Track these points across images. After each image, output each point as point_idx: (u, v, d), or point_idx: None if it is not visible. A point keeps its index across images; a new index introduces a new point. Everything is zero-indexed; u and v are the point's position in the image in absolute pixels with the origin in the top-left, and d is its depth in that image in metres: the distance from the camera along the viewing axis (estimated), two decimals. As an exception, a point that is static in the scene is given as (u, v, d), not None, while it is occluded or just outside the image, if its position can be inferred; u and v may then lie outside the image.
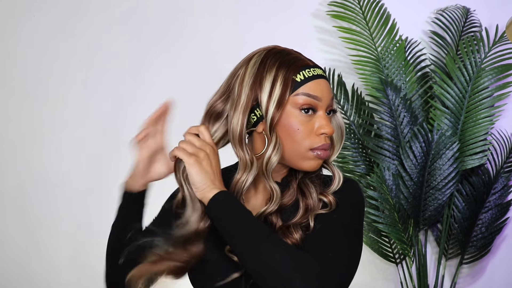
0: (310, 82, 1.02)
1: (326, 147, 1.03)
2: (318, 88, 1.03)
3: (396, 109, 2.10)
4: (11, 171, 2.67)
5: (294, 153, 1.03)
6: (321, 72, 1.05)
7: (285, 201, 1.05)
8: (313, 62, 1.06)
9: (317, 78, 1.03)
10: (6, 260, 2.69)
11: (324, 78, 1.05)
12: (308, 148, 1.02)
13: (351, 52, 2.23)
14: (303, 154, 1.03)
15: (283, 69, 1.02)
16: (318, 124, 1.03)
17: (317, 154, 1.03)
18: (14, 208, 2.66)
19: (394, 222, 2.07)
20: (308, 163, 1.04)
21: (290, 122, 1.02)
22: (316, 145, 1.02)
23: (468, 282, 2.25)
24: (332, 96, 1.05)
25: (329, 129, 1.02)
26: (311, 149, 1.03)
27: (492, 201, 2.09)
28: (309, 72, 1.03)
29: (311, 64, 1.05)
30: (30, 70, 2.63)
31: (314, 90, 1.02)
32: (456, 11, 2.20)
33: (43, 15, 2.60)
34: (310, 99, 1.02)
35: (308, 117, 1.02)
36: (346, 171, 2.20)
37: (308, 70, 1.03)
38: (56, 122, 2.61)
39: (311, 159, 1.03)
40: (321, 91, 1.03)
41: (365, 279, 2.35)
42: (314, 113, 1.03)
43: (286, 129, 1.03)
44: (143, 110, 2.76)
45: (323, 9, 2.31)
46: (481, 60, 2.07)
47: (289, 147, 1.03)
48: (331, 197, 1.03)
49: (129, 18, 2.54)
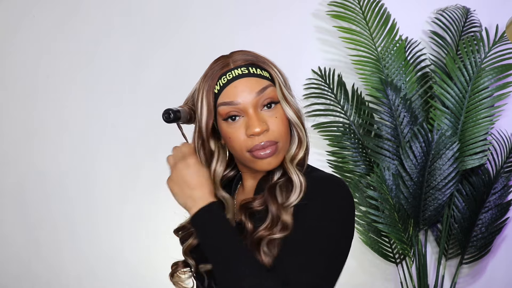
0: (225, 89, 1.01)
1: (264, 145, 1.00)
2: (233, 92, 1.00)
3: (396, 109, 2.10)
4: (11, 171, 2.67)
5: (241, 158, 1.04)
6: (239, 71, 1.01)
7: (256, 205, 1.03)
8: (236, 62, 1.03)
9: (233, 81, 1.01)
10: (6, 259, 2.69)
11: (245, 76, 1.01)
12: (246, 151, 1.01)
13: (351, 52, 2.23)
14: (246, 158, 1.02)
15: (206, 84, 1.03)
16: (246, 126, 1.00)
17: (256, 155, 1.00)
18: (14, 208, 2.67)
19: (394, 222, 2.07)
20: (257, 165, 1.02)
21: (223, 133, 1.03)
22: (250, 147, 1.00)
23: (468, 282, 2.25)
24: (260, 89, 1.00)
25: (257, 127, 0.99)
26: (248, 152, 1.01)
27: (492, 201, 2.09)
28: (224, 79, 1.02)
29: (229, 68, 1.02)
30: (30, 70, 2.64)
31: (228, 96, 1.01)
32: (456, 11, 2.20)
33: (43, 16, 2.60)
34: (227, 107, 1.01)
35: (237, 123, 1.01)
36: (346, 171, 2.20)
37: (223, 77, 1.02)
38: (56, 122, 2.61)
39: (255, 161, 1.01)
40: (238, 93, 1.00)
41: (365, 279, 2.35)
42: (242, 116, 1.01)
43: (225, 140, 1.04)
44: (143, 110, 2.77)
45: (323, 9, 2.31)
46: (481, 60, 2.06)
47: (235, 155, 1.05)
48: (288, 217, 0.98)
49: (129, 19, 2.54)
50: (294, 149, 1.04)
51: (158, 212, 2.35)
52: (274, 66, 1.05)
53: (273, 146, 1.00)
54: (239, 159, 1.06)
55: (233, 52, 1.06)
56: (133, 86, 2.54)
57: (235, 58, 1.03)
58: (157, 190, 2.50)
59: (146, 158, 2.51)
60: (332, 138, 2.20)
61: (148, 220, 2.51)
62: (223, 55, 1.07)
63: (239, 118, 1.01)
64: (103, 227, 2.59)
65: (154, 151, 2.32)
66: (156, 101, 2.33)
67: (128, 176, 2.54)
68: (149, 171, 2.49)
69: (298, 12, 2.37)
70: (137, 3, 2.53)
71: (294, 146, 1.05)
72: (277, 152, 1.01)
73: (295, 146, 1.05)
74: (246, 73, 1.01)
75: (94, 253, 2.60)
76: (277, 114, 1.02)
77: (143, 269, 2.54)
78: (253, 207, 1.03)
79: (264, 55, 1.07)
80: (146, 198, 2.51)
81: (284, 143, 1.03)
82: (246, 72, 1.01)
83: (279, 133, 1.01)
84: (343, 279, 1.18)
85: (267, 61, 1.05)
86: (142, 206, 2.53)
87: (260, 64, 1.03)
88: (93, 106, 2.57)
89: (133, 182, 2.53)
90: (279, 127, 1.01)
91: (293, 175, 1.01)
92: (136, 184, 2.53)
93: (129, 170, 2.54)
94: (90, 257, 2.61)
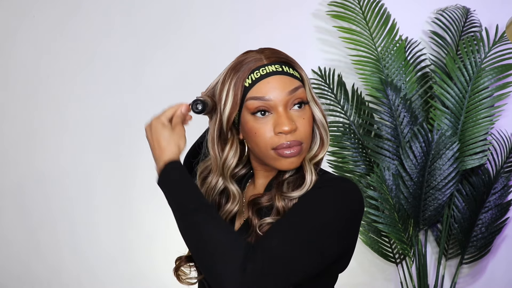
0: (258, 83, 1.01)
1: (290, 145, 1.00)
2: (265, 88, 1.00)
3: (396, 109, 2.10)
4: (11, 171, 2.67)
5: (263, 155, 1.03)
6: (273, 68, 1.01)
7: (264, 201, 1.03)
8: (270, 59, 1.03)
9: (266, 77, 1.01)
10: (6, 259, 2.69)
11: (279, 73, 1.01)
12: (270, 149, 1.01)
13: (351, 52, 2.23)
14: (269, 155, 1.02)
15: (235, 77, 1.02)
16: (275, 123, 1.00)
17: (280, 153, 1.00)
18: (14, 208, 2.67)
19: (394, 222, 2.07)
20: (279, 163, 1.02)
21: (248, 128, 1.02)
22: (276, 145, 1.00)
23: (468, 282, 2.25)
24: (292, 89, 1.01)
25: (287, 126, 0.99)
26: (273, 149, 1.01)
27: (492, 201, 2.09)
28: (257, 73, 1.01)
29: (263, 63, 1.02)
30: (30, 70, 2.64)
31: (261, 91, 1.00)
32: (456, 11, 2.20)
33: (43, 16, 2.60)
34: (258, 101, 1.00)
35: (265, 119, 1.01)
36: (346, 171, 2.20)
37: (256, 72, 1.01)
38: (56, 122, 2.61)
39: (279, 159, 1.01)
40: (270, 90, 1.00)
41: (365, 279, 2.35)
42: (271, 113, 1.01)
43: (248, 135, 1.03)
44: (143, 110, 2.77)
45: (323, 9, 2.31)
46: (481, 60, 2.06)
47: (256, 151, 1.04)
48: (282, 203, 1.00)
49: (129, 19, 2.54)
50: (316, 149, 1.05)
51: (158, 212, 2.35)
52: (302, 68, 1.06)
53: (298, 146, 1.00)
54: (260, 155, 1.04)
55: (264, 48, 1.06)
56: (133, 86, 2.54)
57: (267, 54, 1.03)
58: (157, 189, 2.51)
59: (146, 158, 2.50)
60: (332, 138, 2.20)
61: (148, 220, 2.51)
62: (251, 49, 1.06)
63: (268, 114, 1.01)
64: (103, 227, 2.59)
65: (154, 151, 2.32)
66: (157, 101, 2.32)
67: (128, 176, 2.54)
68: (149, 171, 2.48)
69: (298, 12, 2.37)
70: (137, 3, 2.53)
71: (316, 147, 1.05)
72: (301, 152, 1.02)
73: (317, 147, 1.05)
74: (280, 71, 1.01)
75: (94, 253, 2.60)
76: (305, 116, 1.02)
77: (143, 269, 2.54)
78: (261, 202, 1.03)
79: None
80: (146, 198, 2.51)
81: (307, 145, 1.03)
82: (280, 70, 1.01)
83: (305, 134, 1.02)
84: (343, 279, 1.18)
85: (296, 62, 1.06)
86: (142, 206, 2.53)
87: (292, 64, 1.04)
88: (93, 106, 2.57)
89: (133, 182, 2.53)
90: (306, 128, 1.02)
91: (307, 173, 1.02)
92: (136, 184, 2.53)
93: (129, 170, 2.54)
94: (90, 257, 2.61)
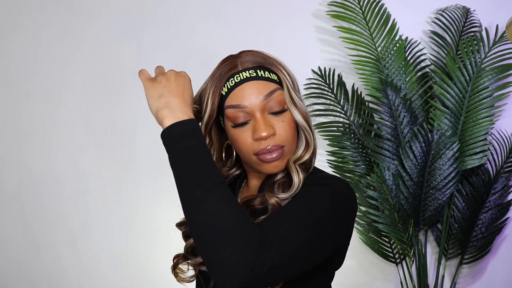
0: (233, 91, 1.00)
1: (271, 150, 0.99)
2: (240, 95, 0.99)
3: (396, 109, 2.10)
4: (11, 171, 2.67)
5: (247, 160, 1.03)
6: (247, 74, 1.00)
7: (256, 203, 1.02)
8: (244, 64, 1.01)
9: (240, 84, 1.00)
10: (5, 260, 2.69)
11: (253, 79, 0.99)
12: (253, 154, 1.01)
13: (351, 52, 2.23)
14: (252, 161, 1.02)
15: (213, 85, 1.02)
16: (253, 130, 0.99)
17: (262, 159, 1.00)
18: (13, 208, 2.67)
19: (394, 222, 2.07)
20: (263, 168, 1.02)
21: (230, 135, 1.03)
22: (257, 150, 1.00)
23: (468, 282, 2.25)
24: (268, 93, 0.99)
25: (264, 131, 0.98)
26: (255, 155, 1.00)
27: (492, 201, 2.09)
28: (232, 81, 1.00)
29: (237, 70, 1.00)
30: (30, 70, 2.64)
31: (236, 99, 0.99)
32: (456, 11, 2.20)
33: (43, 15, 2.60)
34: (234, 110, 0.99)
35: (244, 126, 1.00)
36: (346, 171, 2.20)
37: (231, 80, 1.00)
38: (56, 122, 2.61)
39: (262, 164, 1.01)
40: (245, 97, 0.99)
41: (365, 279, 2.35)
42: (250, 119, 1.00)
43: (231, 141, 1.04)
44: (143, 110, 2.76)
45: (323, 9, 2.31)
46: (481, 60, 2.06)
47: (242, 156, 1.04)
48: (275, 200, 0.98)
49: (129, 18, 2.54)
50: (301, 151, 1.04)
51: (159, 212, 2.35)
52: (283, 68, 1.03)
53: (280, 150, 1.00)
54: (245, 160, 1.05)
55: (241, 52, 1.04)
56: (133, 86, 2.53)
57: (243, 59, 1.02)
58: (157, 189, 2.51)
59: (146, 157, 2.51)
60: (332, 138, 2.20)
61: (148, 220, 2.51)
62: (231, 54, 1.06)
63: (247, 121, 1.00)
64: (102, 227, 2.59)
65: (154, 151, 2.32)
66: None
67: (128, 176, 2.54)
68: (149, 170, 2.49)
69: (298, 12, 2.37)
70: (137, 3, 2.53)
71: (301, 149, 1.04)
72: (283, 155, 1.01)
73: (302, 149, 1.04)
74: (254, 76, 1.00)
75: (94, 254, 2.60)
76: (285, 118, 1.01)
77: (143, 269, 2.54)
78: (254, 205, 1.03)
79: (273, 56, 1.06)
80: (146, 198, 2.51)
81: (291, 147, 1.02)
82: (254, 75, 1.00)
83: (285, 137, 1.01)
84: (344, 279, 1.18)
85: (275, 62, 1.03)
86: (142, 206, 2.53)
87: (268, 67, 1.02)
88: (93, 106, 2.57)
89: (133, 182, 2.53)
90: (286, 131, 1.01)
91: (293, 174, 1.00)
92: (136, 184, 2.53)
93: (129, 170, 2.54)
94: (90, 257, 2.61)
